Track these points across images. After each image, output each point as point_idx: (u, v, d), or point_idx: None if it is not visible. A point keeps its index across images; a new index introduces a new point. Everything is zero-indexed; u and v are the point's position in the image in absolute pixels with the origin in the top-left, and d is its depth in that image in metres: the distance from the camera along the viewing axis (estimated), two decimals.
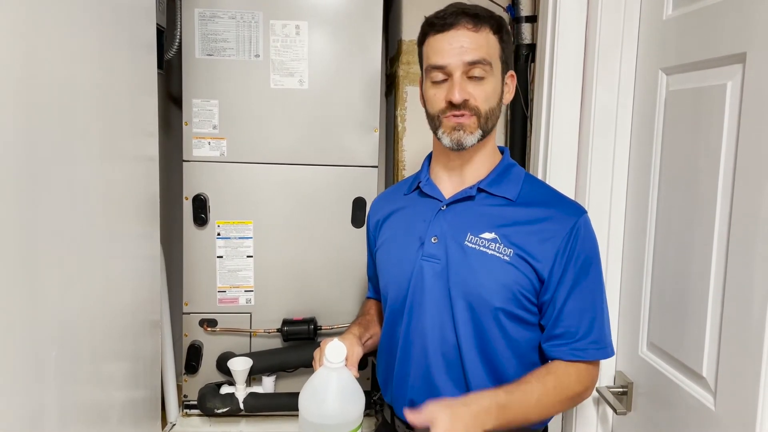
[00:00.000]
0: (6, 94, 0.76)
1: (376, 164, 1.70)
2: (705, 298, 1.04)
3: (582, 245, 1.04)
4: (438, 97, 1.05)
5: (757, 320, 0.91)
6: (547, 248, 1.03)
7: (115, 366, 1.14)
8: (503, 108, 1.15)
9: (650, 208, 1.23)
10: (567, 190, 1.42)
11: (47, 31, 0.86)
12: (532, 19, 1.65)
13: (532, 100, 1.64)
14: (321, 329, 1.72)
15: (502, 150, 1.18)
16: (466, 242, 1.06)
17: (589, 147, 1.36)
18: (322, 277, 1.73)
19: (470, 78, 1.03)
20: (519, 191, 1.10)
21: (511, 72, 1.11)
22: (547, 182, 1.44)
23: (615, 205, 1.35)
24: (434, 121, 1.08)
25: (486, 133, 1.07)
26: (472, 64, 1.02)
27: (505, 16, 1.75)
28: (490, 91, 1.04)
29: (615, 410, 1.29)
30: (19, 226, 0.79)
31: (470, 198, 1.10)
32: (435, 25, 1.05)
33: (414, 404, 1.06)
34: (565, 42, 1.40)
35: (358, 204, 1.70)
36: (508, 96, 1.11)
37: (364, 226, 1.67)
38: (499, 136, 1.84)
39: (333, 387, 0.97)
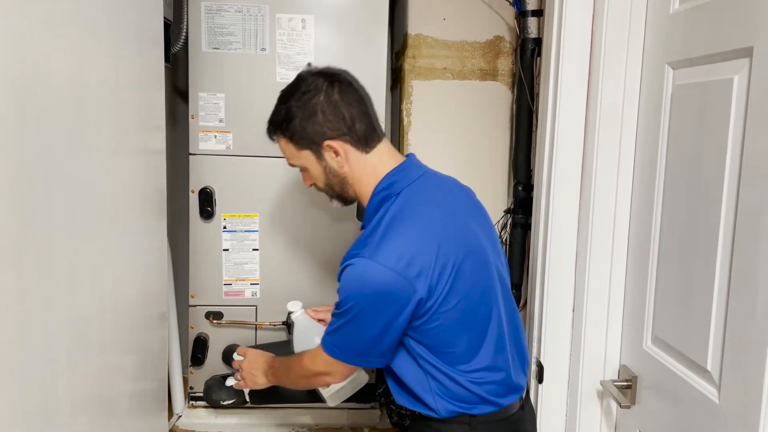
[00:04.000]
0: (16, 90, 0.77)
1: None
2: (710, 292, 1.04)
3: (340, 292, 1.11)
4: None
5: (761, 314, 0.91)
6: None
7: (123, 357, 1.15)
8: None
9: (656, 203, 1.23)
10: (572, 185, 1.42)
11: (57, 28, 0.87)
12: (539, 13, 1.65)
13: (537, 94, 1.64)
14: None
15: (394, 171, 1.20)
16: None
17: (595, 141, 1.36)
18: (327, 270, 1.73)
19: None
20: (367, 225, 1.18)
21: (326, 143, 1.15)
22: (552, 177, 1.44)
23: (620, 199, 1.35)
24: None
25: (342, 195, 1.23)
26: (291, 165, 1.24)
27: (511, 10, 1.75)
28: (316, 175, 1.21)
29: (619, 404, 1.30)
30: (31, 219, 0.80)
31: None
32: None
33: None
34: (571, 36, 1.39)
35: None
36: (339, 158, 1.16)
37: None
38: (504, 131, 1.84)
39: (310, 324, 1.41)
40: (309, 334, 1.34)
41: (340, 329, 1.12)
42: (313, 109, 1.14)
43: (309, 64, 1.23)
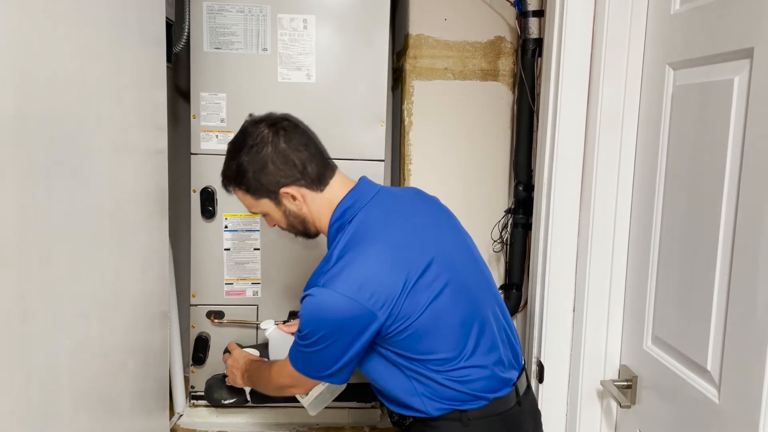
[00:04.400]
0: (18, 90, 0.77)
1: (383, 158, 1.71)
2: (710, 293, 1.04)
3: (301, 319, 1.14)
4: None
5: (761, 314, 0.91)
6: None
7: (125, 356, 1.16)
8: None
9: (656, 203, 1.24)
10: (573, 185, 1.43)
11: (59, 28, 0.87)
12: (540, 13, 1.65)
13: (538, 94, 1.64)
14: None
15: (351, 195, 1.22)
16: None
17: (596, 142, 1.36)
18: None
19: None
20: (330, 255, 1.18)
21: (282, 190, 1.19)
22: (552, 177, 1.44)
23: (621, 199, 1.35)
24: None
25: (305, 233, 1.28)
26: (253, 213, 1.28)
27: (513, 10, 1.75)
28: (278, 218, 1.26)
29: (619, 403, 1.30)
30: (32, 219, 0.80)
31: None
32: None
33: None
34: (572, 36, 1.40)
35: None
36: (297, 202, 1.21)
37: None
38: (505, 131, 1.84)
39: (284, 338, 1.48)
40: (283, 348, 1.35)
41: (302, 348, 1.17)
42: (264, 161, 1.17)
43: (250, 115, 1.26)
